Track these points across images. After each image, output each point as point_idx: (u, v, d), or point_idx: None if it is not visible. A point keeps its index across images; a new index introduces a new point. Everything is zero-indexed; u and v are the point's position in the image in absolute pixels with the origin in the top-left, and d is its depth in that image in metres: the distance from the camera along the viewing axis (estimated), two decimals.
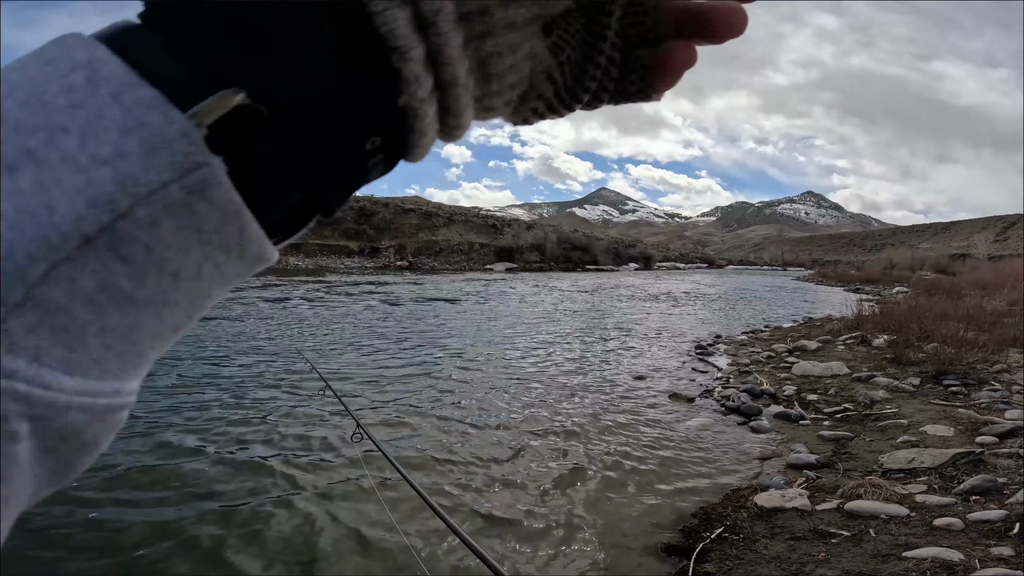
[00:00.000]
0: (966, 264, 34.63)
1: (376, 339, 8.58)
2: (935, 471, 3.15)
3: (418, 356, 7.30)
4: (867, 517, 2.66)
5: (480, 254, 42.96)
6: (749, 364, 6.99)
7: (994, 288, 12.81)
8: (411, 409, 4.87)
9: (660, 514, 3.05)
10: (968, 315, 7.65)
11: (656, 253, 68.32)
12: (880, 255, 68.40)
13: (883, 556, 2.28)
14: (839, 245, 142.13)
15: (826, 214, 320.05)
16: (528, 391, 5.64)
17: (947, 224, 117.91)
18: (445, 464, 3.68)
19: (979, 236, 65.90)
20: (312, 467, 3.55)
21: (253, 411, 4.62)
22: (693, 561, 2.46)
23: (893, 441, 3.84)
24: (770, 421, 4.64)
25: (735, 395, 5.33)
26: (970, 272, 23.08)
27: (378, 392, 5.41)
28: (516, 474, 3.55)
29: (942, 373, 5.37)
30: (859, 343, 7.52)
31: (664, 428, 4.55)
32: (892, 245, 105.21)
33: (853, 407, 4.75)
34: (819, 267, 68.40)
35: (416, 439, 4.13)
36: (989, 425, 3.86)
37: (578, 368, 6.90)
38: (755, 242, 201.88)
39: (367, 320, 10.88)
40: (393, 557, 2.59)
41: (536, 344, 8.66)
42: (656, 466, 3.72)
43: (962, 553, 2.19)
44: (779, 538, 2.57)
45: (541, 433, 4.34)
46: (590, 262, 47.03)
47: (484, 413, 4.83)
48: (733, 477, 3.54)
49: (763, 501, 2.97)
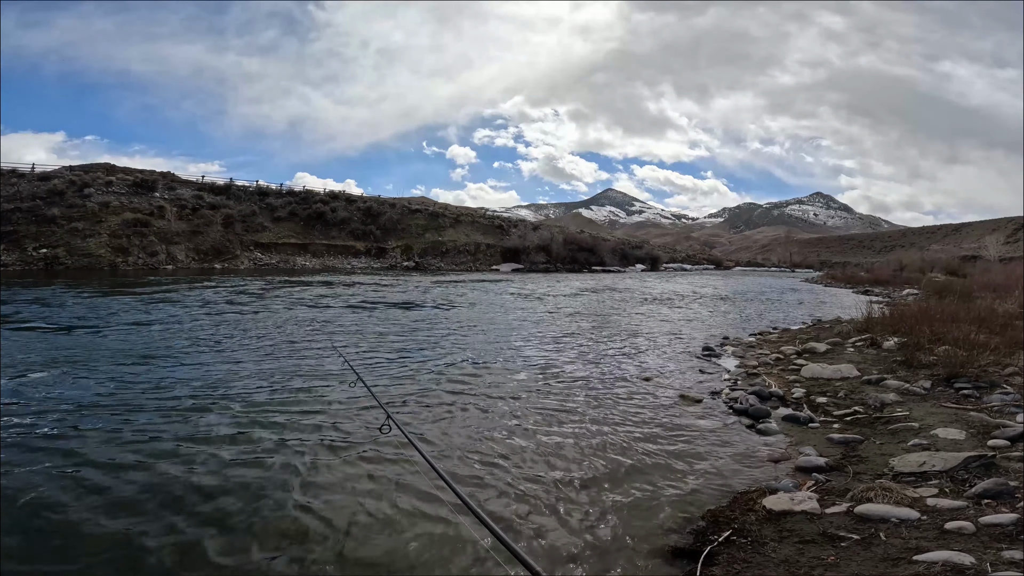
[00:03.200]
0: (977, 266, 34.19)
1: (378, 339, 8.61)
2: (946, 474, 3.12)
3: (422, 356, 7.31)
4: (877, 520, 2.64)
5: (486, 255, 42.96)
6: (757, 366, 6.95)
7: (1006, 290, 12.66)
8: (413, 408, 4.89)
9: (667, 516, 3.03)
10: (979, 317, 7.56)
11: (663, 254, 67.96)
12: (890, 257, 67.74)
13: (893, 560, 2.27)
14: (848, 247, 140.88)
15: (835, 215, 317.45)
16: (533, 392, 5.64)
17: (958, 226, 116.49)
18: (444, 459, 3.69)
19: (990, 238, 65.08)
20: (340, 453, 3.74)
21: (285, 396, 4.90)
22: (701, 564, 2.45)
23: (904, 444, 3.80)
24: (779, 423, 4.61)
25: (743, 397, 5.30)
26: (981, 274, 22.79)
27: (394, 389, 5.43)
28: (519, 474, 3.55)
29: (953, 376, 5.31)
30: (869, 345, 7.46)
31: (671, 430, 4.53)
32: (902, 247, 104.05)
33: (863, 410, 4.71)
34: (828, 268, 67.82)
35: (428, 430, 4.14)
36: (1001, 428, 3.81)
37: (585, 369, 6.90)
38: (763, 243, 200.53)
39: (367, 320, 10.92)
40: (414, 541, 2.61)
41: (542, 345, 8.65)
42: (663, 468, 3.71)
43: (973, 557, 2.17)
44: (788, 541, 2.56)
45: (546, 433, 4.34)
46: (596, 263, 46.89)
47: (487, 414, 4.83)
48: (741, 480, 3.52)
49: (771, 504, 2.95)
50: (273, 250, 34.11)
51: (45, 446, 3.70)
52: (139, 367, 6.10)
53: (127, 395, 4.99)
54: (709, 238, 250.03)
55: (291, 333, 8.87)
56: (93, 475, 3.30)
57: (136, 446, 3.76)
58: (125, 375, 5.71)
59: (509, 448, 4.00)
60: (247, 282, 19.63)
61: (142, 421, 4.29)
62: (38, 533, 2.66)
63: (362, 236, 39.85)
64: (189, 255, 29.69)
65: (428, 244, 41.68)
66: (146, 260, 27.41)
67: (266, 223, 36.07)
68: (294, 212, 38.16)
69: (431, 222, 44.60)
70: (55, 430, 4.00)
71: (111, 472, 3.35)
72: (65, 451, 3.63)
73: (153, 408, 4.61)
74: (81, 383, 5.34)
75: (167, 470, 3.40)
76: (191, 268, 27.83)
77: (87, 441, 3.82)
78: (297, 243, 35.71)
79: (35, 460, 3.46)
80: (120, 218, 28.73)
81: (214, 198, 34.91)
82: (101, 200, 29.19)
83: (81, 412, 4.43)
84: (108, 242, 27.22)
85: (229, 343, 7.79)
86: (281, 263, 32.81)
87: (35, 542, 2.59)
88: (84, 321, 9.31)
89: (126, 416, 4.38)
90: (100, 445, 3.76)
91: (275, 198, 38.82)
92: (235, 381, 5.64)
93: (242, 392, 5.22)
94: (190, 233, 30.99)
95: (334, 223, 39.29)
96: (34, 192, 27.86)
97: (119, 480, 3.25)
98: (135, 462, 3.50)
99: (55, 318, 9.57)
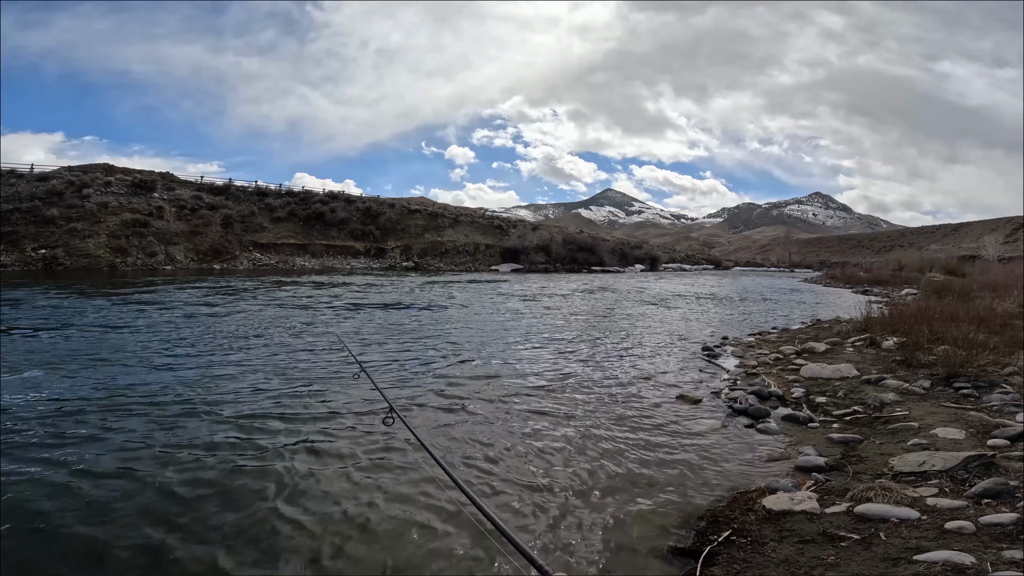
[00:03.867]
0: (976, 266, 34.22)
1: (380, 341, 8.60)
2: (946, 474, 3.12)
3: (424, 356, 7.30)
4: (877, 520, 2.64)
5: (486, 255, 42.91)
6: (757, 366, 6.94)
7: (1005, 290, 12.67)
8: (415, 408, 4.89)
9: (666, 516, 3.03)
10: (979, 317, 7.56)
11: (662, 254, 67.88)
12: (889, 256, 67.72)
13: (893, 559, 2.26)
14: (847, 246, 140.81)
15: (834, 215, 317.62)
16: (533, 391, 5.63)
17: (956, 225, 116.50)
18: (447, 461, 3.68)
19: (989, 238, 65.07)
20: (342, 445, 3.83)
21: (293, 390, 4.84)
22: (700, 564, 2.45)
23: (903, 444, 3.80)
24: (778, 423, 4.61)
25: (742, 397, 5.29)
26: (980, 274, 22.81)
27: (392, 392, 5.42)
28: (519, 473, 3.55)
29: (953, 376, 5.31)
30: (868, 345, 7.46)
31: (671, 429, 4.53)
32: (901, 246, 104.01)
33: (863, 409, 4.71)
34: (827, 269, 67.83)
35: (427, 435, 4.13)
36: (1001, 428, 3.82)
37: (584, 368, 6.89)
38: (762, 243, 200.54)
39: (370, 322, 10.91)
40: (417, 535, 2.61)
41: (542, 345, 8.65)
42: (662, 468, 3.71)
43: (974, 556, 2.17)
44: (787, 541, 2.55)
45: (545, 433, 4.34)
46: (596, 263, 46.87)
47: (487, 414, 4.83)
48: (741, 479, 3.52)
49: (771, 504, 2.95)
50: (272, 250, 34.08)
51: (30, 454, 3.60)
52: (128, 367, 6.09)
53: (115, 396, 4.98)
54: (708, 238, 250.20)
55: (291, 329, 8.86)
56: (93, 477, 3.29)
57: (130, 445, 3.76)
58: (119, 375, 5.70)
59: (508, 448, 4.00)
60: (244, 282, 19.62)
61: (132, 423, 4.28)
62: (17, 535, 2.65)
63: (361, 236, 39.82)
64: (188, 255, 29.65)
65: (427, 244, 41.64)
66: (145, 261, 27.37)
67: (265, 223, 36.03)
68: (293, 212, 38.12)
69: (430, 222, 44.57)
70: (42, 433, 3.97)
71: (109, 477, 3.34)
72: (53, 456, 3.58)
73: (138, 410, 4.58)
74: (70, 384, 5.32)
75: (183, 460, 3.39)
76: (190, 269, 27.79)
77: (84, 444, 3.81)
78: (296, 243, 35.68)
79: (16, 464, 3.40)
80: (119, 218, 28.69)
81: (213, 198, 34.86)
82: (100, 200, 29.14)
83: (70, 414, 4.41)
84: (107, 243, 27.18)
85: (214, 343, 7.78)
86: (280, 263, 32.77)
87: (12, 546, 2.57)
88: (73, 322, 9.29)
89: (123, 417, 4.37)
90: (93, 448, 3.75)
91: (274, 198, 38.77)
92: (224, 381, 5.62)
93: (236, 391, 5.21)
94: (189, 233, 30.95)
95: (333, 223, 39.24)
96: (33, 192, 27.82)
97: (106, 484, 3.24)
98: (119, 462, 3.49)
99: (30, 320, 9.55)
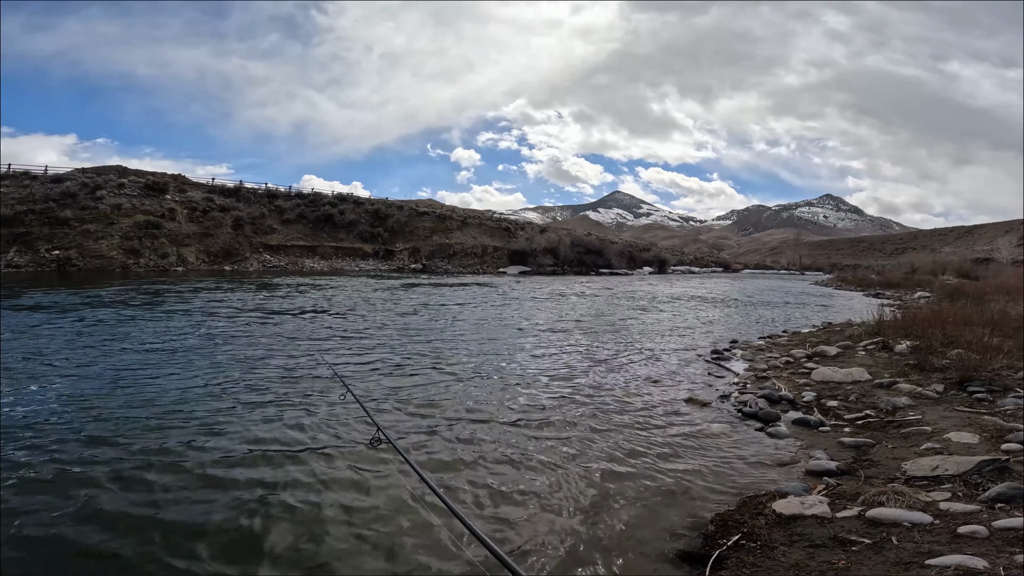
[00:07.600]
0: (990, 268, 33.79)
1: (381, 340, 8.63)
2: (959, 478, 3.09)
3: (428, 357, 7.33)
4: (889, 524, 2.61)
5: (493, 257, 42.95)
6: (767, 369, 6.90)
7: (1019, 293, 12.50)
8: (416, 408, 4.90)
9: (675, 520, 3.03)
10: (992, 320, 7.48)
11: (671, 256, 67.70)
12: (901, 259, 67.00)
13: (905, 564, 2.25)
14: (859, 249, 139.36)
15: (845, 217, 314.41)
16: (541, 394, 5.64)
17: (969, 227, 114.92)
18: (456, 465, 3.70)
19: (1003, 240, 64.25)
20: (328, 467, 3.60)
21: (276, 409, 4.71)
22: (709, 568, 2.44)
23: (916, 448, 3.77)
24: (789, 427, 4.58)
25: (752, 400, 5.27)
26: (994, 276, 22.53)
27: (388, 391, 5.44)
28: (528, 478, 3.55)
29: (966, 380, 5.25)
30: (880, 349, 7.39)
31: (680, 433, 4.51)
32: (913, 249, 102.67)
33: (875, 413, 4.67)
34: (838, 271, 67.23)
35: (429, 441, 4.15)
36: (1015, 432, 3.77)
37: (593, 371, 6.88)
38: (772, 246, 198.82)
39: (370, 321, 10.96)
40: (408, 554, 2.62)
41: (549, 347, 8.65)
42: (671, 471, 3.70)
43: (987, 561, 2.15)
44: (798, 545, 2.54)
45: (553, 436, 4.34)
46: (604, 265, 46.76)
47: (495, 416, 4.83)
48: (750, 483, 3.50)
49: (781, 508, 2.94)
50: (282, 252, 34.31)
51: (30, 454, 3.61)
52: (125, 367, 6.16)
53: (116, 398, 5.04)
54: (717, 240, 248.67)
55: (298, 330, 8.93)
56: (94, 479, 3.34)
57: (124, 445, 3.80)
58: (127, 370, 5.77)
59: (515, 450, 4.01)
60: (254, 284, 19.77)
61: (133, 427, 4.33)
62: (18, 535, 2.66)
63: (370, 238, 39.99)
64: (199, 257, 29.93)
65: (436, 246, 41.74)
66: (157, 262, 27.66)
67: (275, 225, 36.28)
68: (303, 214, 38.36)
69: (438, 224, 44.67)
70: (42, 433, 3.99)
71: (109, 483, 3.38)
72: (53, 456, 3.60)
73: (138, 415, 4.61)
74: (70, 384, 5.40)
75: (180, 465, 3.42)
76: (201, 270, 28.05)
77: (84, 445, 3.87)
78: (305, 245, 35.89)
79: (17, 463, 3.41)
80: (132, 220, 29.01)
81: (224, 200, 35.17)
82: (113, 202, 29.49)
83: (70, 414, 4.45)
84: (120, 244, 27.48)
85: (214, 350, 7.85)
86: (290, 265, 32.99)
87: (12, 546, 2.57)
88: (83, 322, 9.41)
89: (121, 415, 4.43)
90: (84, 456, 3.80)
91: (284, 200, 39.04)
92: (211, 392, 5.64)
93: (229, 397, 5.25)
94: (200, 235, 31.24)
95: (342, 225, 39.44)
96: (47, 194, 28.17)
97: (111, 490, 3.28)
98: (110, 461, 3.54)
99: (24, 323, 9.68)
